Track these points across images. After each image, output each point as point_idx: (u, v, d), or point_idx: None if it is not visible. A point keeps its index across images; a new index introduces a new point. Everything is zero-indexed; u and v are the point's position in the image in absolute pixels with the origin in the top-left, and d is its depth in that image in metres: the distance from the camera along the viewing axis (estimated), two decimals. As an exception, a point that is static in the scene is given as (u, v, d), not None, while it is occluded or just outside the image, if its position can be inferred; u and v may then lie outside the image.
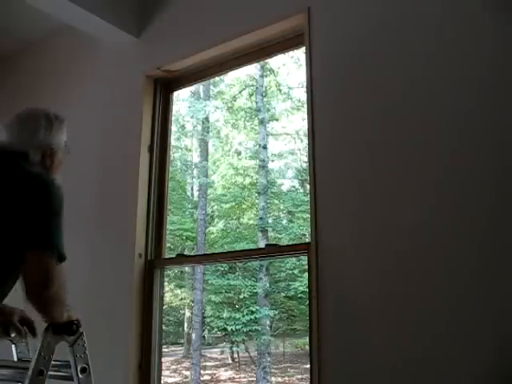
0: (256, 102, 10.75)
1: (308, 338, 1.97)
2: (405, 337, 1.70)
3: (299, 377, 9.59)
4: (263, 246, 2.87)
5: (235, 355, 11.21)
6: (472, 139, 1.69)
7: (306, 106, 2.11)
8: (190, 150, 13.17)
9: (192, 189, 13.11)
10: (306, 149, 2.19)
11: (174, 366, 11.02)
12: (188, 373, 10.26)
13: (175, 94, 2.86)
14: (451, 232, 1.67)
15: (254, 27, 2.31)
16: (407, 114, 1.84)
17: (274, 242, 9.54)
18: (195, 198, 12.35)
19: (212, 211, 12.00)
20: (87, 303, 2.52)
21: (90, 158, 2.80)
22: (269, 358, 9.33)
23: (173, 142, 11.71)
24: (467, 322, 1.59)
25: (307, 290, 2.01)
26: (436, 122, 1.77)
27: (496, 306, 1.55)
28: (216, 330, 10.71)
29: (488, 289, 1.57)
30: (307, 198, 2.30)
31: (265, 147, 10.31)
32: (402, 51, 1.90)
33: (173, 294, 11.58)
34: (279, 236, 10.51)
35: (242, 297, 10.12)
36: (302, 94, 10.74)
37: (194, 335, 10.13)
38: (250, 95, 11.57)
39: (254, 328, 9.69)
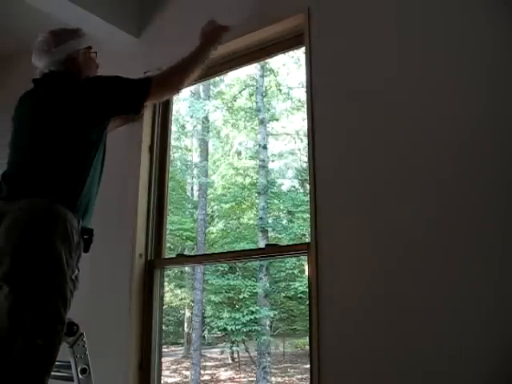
0: (256, 102, 10.75)
1: (308, 337, 1.97)
2: (406, 337, 1.69)
3: (299, 377, 9.59)
4: (263, 246, 2.87)
5: (235, 355, 11.22)
6: (473, 139, 1.69)
7: (305, 106, 2.11)
8: (190, 150, 13.16)
9: (192, 189, 13.11)
10: (306, 149, 2.18)
11: (174, 366, 11.03)
12: (188, 373, 10.26)
13: (175, 93, 2.85)
14: (454, 232, 1.67)
15: (254, 27, 2.30)
16: (408, 112, 1.84)
17: (274, 242, 9.54)
18: (195, 198, 12.36)
19: (212, 211, 12.00)
20: (87, 303, 2.52)
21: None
22: (269, 358, 9.33)
23: (173, 141, 11.71)
24: (471, 322, 1.58)
25: (307, 290, 2.01)
26: (438, 122, 1.77)
27: (502, 306, 1.54)
28: (216, 330, 10.71)
29: (493, 289, 1.57)
30: (307, 198, 2.29)
31: (265, 147, 10.31)
32: (403, 50, 1.90)
33: (173, 294, 11.59)
34: (279, 236, 10.51)
35: (241, 297, 10.12)
36: (301, 94, 10.74)
37: (194, 335, 10.13)
38: (250, 95, 11.57)
39: (253, 328, 9.69)
